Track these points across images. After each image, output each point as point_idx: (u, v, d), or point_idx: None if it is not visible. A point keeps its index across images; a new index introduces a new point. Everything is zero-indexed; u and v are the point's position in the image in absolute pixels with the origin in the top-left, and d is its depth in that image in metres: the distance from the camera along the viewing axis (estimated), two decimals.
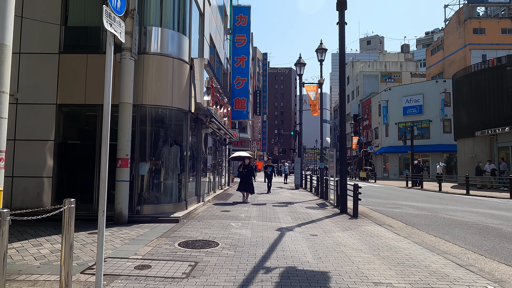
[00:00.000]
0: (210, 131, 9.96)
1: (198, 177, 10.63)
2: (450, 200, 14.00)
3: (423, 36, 74.65)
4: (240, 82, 18.48)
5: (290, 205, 11.51)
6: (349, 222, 8.18)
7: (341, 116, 10.21)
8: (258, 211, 9.87)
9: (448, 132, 34.52)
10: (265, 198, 13.55)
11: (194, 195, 10.40)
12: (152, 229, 6.86)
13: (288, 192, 16.99)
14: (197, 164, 10.67)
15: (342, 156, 10.18)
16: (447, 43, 39.74)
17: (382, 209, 11.17)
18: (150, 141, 8.51)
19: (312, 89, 13.80)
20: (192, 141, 10.21)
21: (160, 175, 8.59)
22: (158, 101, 8.34)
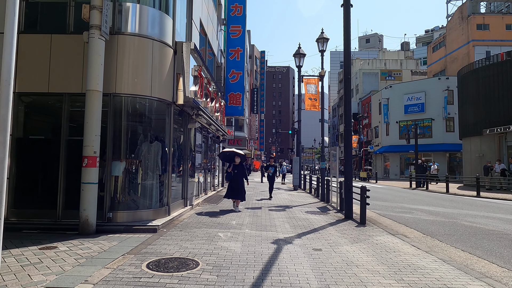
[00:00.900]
0: (197, 126, 8.77)
1: (185, 178, 9.45)
2: (462, 203, 12.88)
3: (422, 34, 73.69)
4: (235, 76, 17.28)
5: (288, 209, 10.35)
6: (357, 231, 7.02)
7: (346, 109, 9.06)
8: (252, 216, 8.69)
9: (451, 131, 33.54)
10: (261, 201, 12.37)
11: (180, 199, 9.21)
12: (121, 242, 5.67)
13: (286, 193, 15.83)
14: (184, 163, 9.49)
15: (347, 154, 9.03)
16: (449, 39, 38.70)
17: (390, 214, 10.02)
18: (126, 137, 7.32)
19: (312, 82, 12.66)
20: (177, 137, 9.03)
21: (137, 176, 7.39)
22: (135, 89, 7.14)
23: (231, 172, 9.64)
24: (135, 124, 7.60)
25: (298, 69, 13.14)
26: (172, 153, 8.35)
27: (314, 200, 12.94)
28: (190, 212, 9.18)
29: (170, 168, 7.92)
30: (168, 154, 7.87)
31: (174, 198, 8.64)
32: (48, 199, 6.93)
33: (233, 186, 9.66)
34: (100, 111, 6.48)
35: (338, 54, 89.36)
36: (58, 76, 6.95)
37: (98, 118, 6.44)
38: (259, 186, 20.26)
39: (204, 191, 13.16)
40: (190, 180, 9.72)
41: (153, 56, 7.38)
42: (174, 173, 8.75)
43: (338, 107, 64.76)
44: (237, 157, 9.69)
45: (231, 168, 9.71)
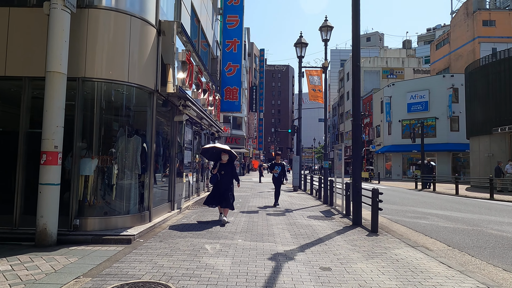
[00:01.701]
0: (185, 119, 7.69)
1: (171, 178, 8.36)
2: (478, 206, 11.81)
3: (424, 33, 72.68)
4: (232, 69, 16.20)
5: (289, 213, 9.27)
6: (370, 242, 5.94)
7: (355, 101, 7.98)
8: (247, 222, 7.61)
9: (456, 130, 32.51)
10: (258, 203, 11.29)
11: (166, 201, 8.13)
12: (83, 258, 4.58)
13: (285, 194, 14.74)
14: (171, 161, 8.40)
15: (355, 152, 7.95)
16: (453, 36, 37.66)
17: (403, 219, 8.95)
18: (99, 130, 6.22)
19: (315, 74, 11.58)
20: (162, 132, 7.94)
21: (112, 175, 6.30)
22: (110, 74, 6.05)
23: (217, 174, 7.53)
24: (110, 115, 6.51)
25: (299, 59, 12.07)
26: (156, 149, 7.26)
27: (316, 203, 11.86)
28: (177, 217, 8.09)
29: (152, 166, 6.83)
30: (149, 150, 6.77)
31: (158, 201, 7.56)
32: (3, 203, 5.85)
33: (218, 190, 7.55)
34: (64, 98, 5.39)
35: (338, 52, 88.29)
36: (17, 56, 5.86)
37: (61, 106, 5.34)
38: (257, 187, 19.19)
39: (197, 192, 12.07)
40: (178, 181, 8.63)
41: (132, 36, 6.29)
42: (158, 172, 7.67)
43: (339, 105, 63.74)
44: (224, 154, 7.58)
45: (216, 169, 7.53)
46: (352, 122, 8.20)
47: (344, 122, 57.08)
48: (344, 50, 79.63)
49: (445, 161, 32.58)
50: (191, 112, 8.01)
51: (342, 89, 60.80)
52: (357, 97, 8.05)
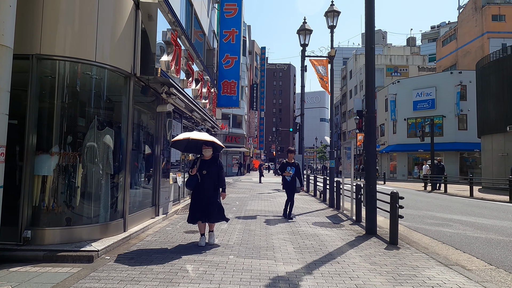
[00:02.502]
0: (169, 109, 6.52)
1: (156, 178, 7.23)
2: (503, 211, 10.61)
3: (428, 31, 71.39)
4: (230, 61, 15.07)
5: (292, 219, 8.13)
6: (392, 259, 4.81)
7: (368, 89, 6.85)
8: (243, 231, 6.48)
9: (464, 129, 31.30)
10: (257, 207, 10.17)
11: (149, 206, 7.00)
12: (19, 286, 3.46)
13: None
14: (156, 160, 7.27)
15: (369, 149, 6.81)
16: (461, 32, 36.42)
17: (423, 227, 7.81)
18: (59, 120, 5.11)
19: (321, 64, 10.48)
20: (143, 125, 6.82)
21: (76, 176, 5.18)
22: (72, 50, 4.93)
23: (197, 175, 5.33)
24: (75, 103, 5.38)
25: (303, 47, 10.94)
26: (134, 145, 6.14)
27: (321, 206, 10.73)
28: (161, 224, 6.96)
29: (129, 165, 5.70)
30: (126, 146, 5.65)
31: (137, 206, 6.44)
32: None
33: (200, 198, 5.33)
34: (8, 77, 4.26)
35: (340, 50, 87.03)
36: None
37: (3, 87, 4.22)
38: (256, 187, 18.06)
39: (189, 194, 10.93)
40: (164, 182, 7.51)
41: (102, 5, 5.16)
42: (138, 172, 6.55)
43: (341, 104, 62.58)
44: (207, 147, 5.34)
45: (196, 168, 5.30)
46: (365, 115, 7.06)
47: (347, 121, 55.90)
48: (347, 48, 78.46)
49: (453, 161, 31.37)
50: (178, 102, 6.88)
51: (345, 87, 59.62)
52: (371, 85, 6.92)
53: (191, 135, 5.43)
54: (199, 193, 5.41)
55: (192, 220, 5.42)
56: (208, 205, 5.35)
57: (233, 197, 12.82)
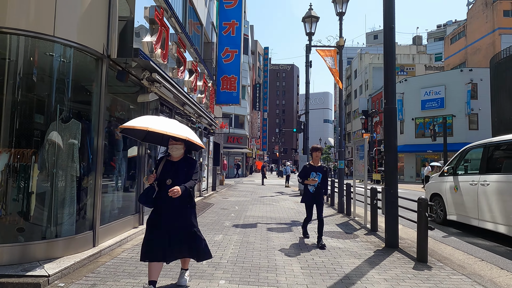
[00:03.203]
0: (152, 99, 5.46)
1: (139, 182, 6.23)
2: None
3: (434, 30, 70.09)
4: (230, 55, 14.09)
5: (297, 227, 7.11)
6: (427, 284, 3.77)
7: (388, 73, 5.83)
8: (240, 245, 5.46)
9: (474, 129, 30.12)
10: (258, 213, 9.15)
11: (131, 214, 6.00)
12: None
13: (291, 201, 12.58)
14: (140, 160, 6.27)
15: (389, 146, 5.77)
16: (470, 29, 35.25)
17: (451, 237, 6.73)
18: (10, 109, 4.13)
19: (329, 54, 9.46)
20: (122, 118, 5.82)
21: (32, 178, 4.19)
22: (29, 23, 3.95)
23: (153, 186, 3.42)
24: (31, 88, 4.39)
25: (309, 37, 9.89)
26: (110, 141, 5.15)
27: (329, 211, 9.68)
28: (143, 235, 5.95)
29: (100, 165, 4.70)
30: (97, 142, 4.65)
31: (114, 215, 5.44)
32: None
33: (159, 222, 3.40)
34: None
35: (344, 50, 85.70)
36: None
37: None
38: (258, 190, 17.03)
39: None
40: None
41: None
42: (116, 174, 5.55)
43: (345, 105, 61.43)
44: (175, 143, 3.43)
45: (156, 171, 3.45)
46: (385, 106, 6.04)
47: (351, 122, 54.73)
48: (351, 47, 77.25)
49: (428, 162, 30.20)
50: (164, 92, 5.88)
51: (349, 87, 58.49)
52: (391, 71, 5.89)
53: (152, 124, 3.18)
54: (158, 214, 3.38)
55: (145, 257, 3.28)
56: (175, 234, 3.34)
57: (232, 201, 11.81)
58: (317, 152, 5.77)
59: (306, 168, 5.79)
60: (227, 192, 15.08)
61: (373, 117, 38.77)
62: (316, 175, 5.67)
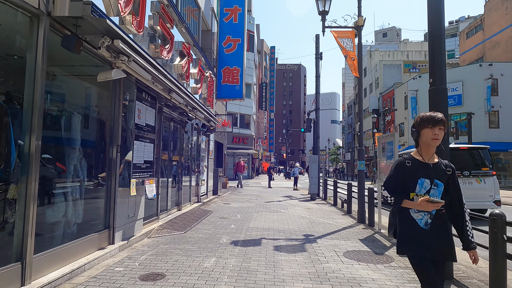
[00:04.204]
0: (117, 76, 3.96)
1: (110, 187, 4.83)
2: None
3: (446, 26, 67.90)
4: (231, 44, 12.68)
5: (310, 244, 5.64)
6: None
7: (435, 45, 4.37)
8: (237, 274, 4.02)
9: (495, 127, 28.26)
10: (263, 223, 7.70)
11: (97, 230, 4.60)
12: None
13: (301, 207, 11.10)
14: (109, 161, 4.87)
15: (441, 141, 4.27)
16: (488, 22, 33.37)
17: None
18: None
19: (345, 36, 8.01)
20: (80, 104, 4.42)
21: None
22: None
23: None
24: None
25: (322, 16, 8.43)
26: (56, 135, 3.76)
27: (347, 221, 8.19)
28: (113, 258, 4.54)
29: (35, 167, 3.29)
30: (30, 134, 3.25)
31: (70, 234, 4.04)
32: None
33: None
34: None
35: None
36: None
37: None
38: (264, 194, 15.56)
39: (176, 206, 8.53)
40: (124, 193, 5.09)
41: None
42: (70, 178, 4.14)
43: (354, 104, 59.68)
44: None
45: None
46: (431, 88, 4.57)
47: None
48: None
49: None
50: (138, 71, 4.46)
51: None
52: (438, 37, 4.42)
53: None
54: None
55: None
56: None
57: (234, 207, 10.38)
58: (435, 128, 2.27)
59: (404, 168, 2.35)
60: (229, 197, 13.65)
61: (385, 116, 37.03)
62: (431, 186, 2.28)
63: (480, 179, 8.74)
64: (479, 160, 9.04)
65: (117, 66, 4.06)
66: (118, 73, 4.02)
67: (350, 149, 60.65)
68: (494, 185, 8.73)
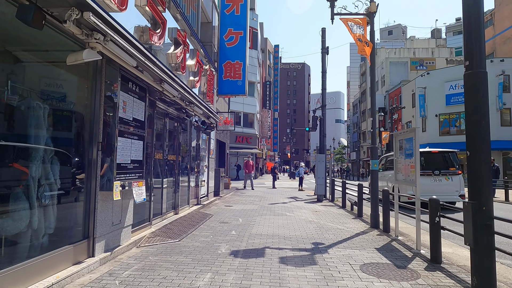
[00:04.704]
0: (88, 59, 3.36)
1: (90, 191, 4.17)
2: None
3: (453, 23, 66.69)
4: (233, 37, 12.00)
5: (321, 254, 4.94)
6: None
7: (472, 18, 3.64)
8: None
9: (507, 125, 27.34)
10: (267, 229, 7.01)
11: (73, 242, 3.93)
12: None
13: (308, 209, 10.39)
14: (88, 160, 4.21)
15: (478, 137, 3.59)
16: (499, 17, 32.39)
17: None
18: None
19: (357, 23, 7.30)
20: (47, 93, 3.75)
21: None
22: None
23: None
24: None
25: (331, 2, 7.75)
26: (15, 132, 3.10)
27: (359, 226, 7.47)
28: (90, 274, 3.87)
29: None
30: None
31: (36, 247, 3.38)
32: None
33: None
34: None
35: None
36: None
37: None
38: (268, 195, 14.86)
39: (173, 209, 7.87)
40: (106, 197, 4.43)
41: None
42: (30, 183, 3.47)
43: (360, 102, 58.79)
44: None
45: None
46: (466, 72, 3.85)
47: (366, 120, 52.06)
48: None
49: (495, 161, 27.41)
50: (119, 53, 3.78)
51: (364, 84, 55.81)
52: (476, 10, 3.70)
53: None
54: None
55: None
56: None
57: (236, 210, 9.70)
58: None
59: None
60: (232, 198, 12.98)
61: (392, 114, 36.16)
62: None
63: (448, 177, 10.46)
64: (448, 162, 10.78)
65: (91, 47, 3.39)
66: (91, 54, 3.35)
67: (356, 148, 59.74)
68: (459, 182, 10.44)
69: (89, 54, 3.31)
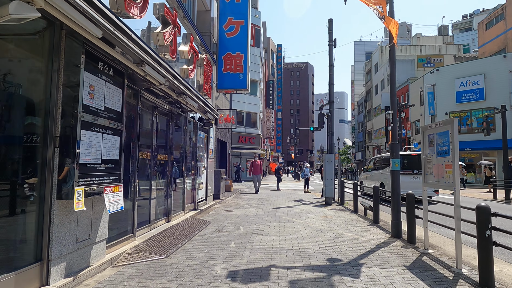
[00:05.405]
0: (17, 15, 2.54)
1: (45, 200, 3.22)
2: None
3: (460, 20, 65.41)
4: (234, 27, 11.04)
5: (341, 278, 3.95)
6: None
7: None
8: None
9: None
10: (272, 241, 6.02)
11: (21, 266, 2.96)
12: None
13: (317, 214, 9.38)
14: (43, 160, 3.26)
15: None
16: (510, 11, 31.19)
17: None
18: None
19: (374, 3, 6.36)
20: None
21: None
22: None
23: None
24: None
25: None
26: None
27: (377, 234, 6.46)
28: None
29: None
30: None
31: None
32: None
33: None
34: None
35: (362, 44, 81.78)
36: None
37: None
38: (273, 198, 13.86)
39: (165, 216, 6.90)
40: (64, 208, 3.47)
41: None
42: None
43: (365, 101, 57.65)
44: None
45: None
46: None
47: (372, 119, 50.87)
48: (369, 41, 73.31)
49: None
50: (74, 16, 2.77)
51: (369, 83, 54.66)
52: None
53: None
54: None
55: None
56: None
57: (237, 215, 8.72)
58: None
59: None
60: (233, 202, 12.01)
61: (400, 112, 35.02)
62: None
63: None
64: None
65: (28, 1, 2.43)
66: (25, 9, 2.39)
67: (362, 148, 58.55)
68: None
69: (21, 9, 2.35)
